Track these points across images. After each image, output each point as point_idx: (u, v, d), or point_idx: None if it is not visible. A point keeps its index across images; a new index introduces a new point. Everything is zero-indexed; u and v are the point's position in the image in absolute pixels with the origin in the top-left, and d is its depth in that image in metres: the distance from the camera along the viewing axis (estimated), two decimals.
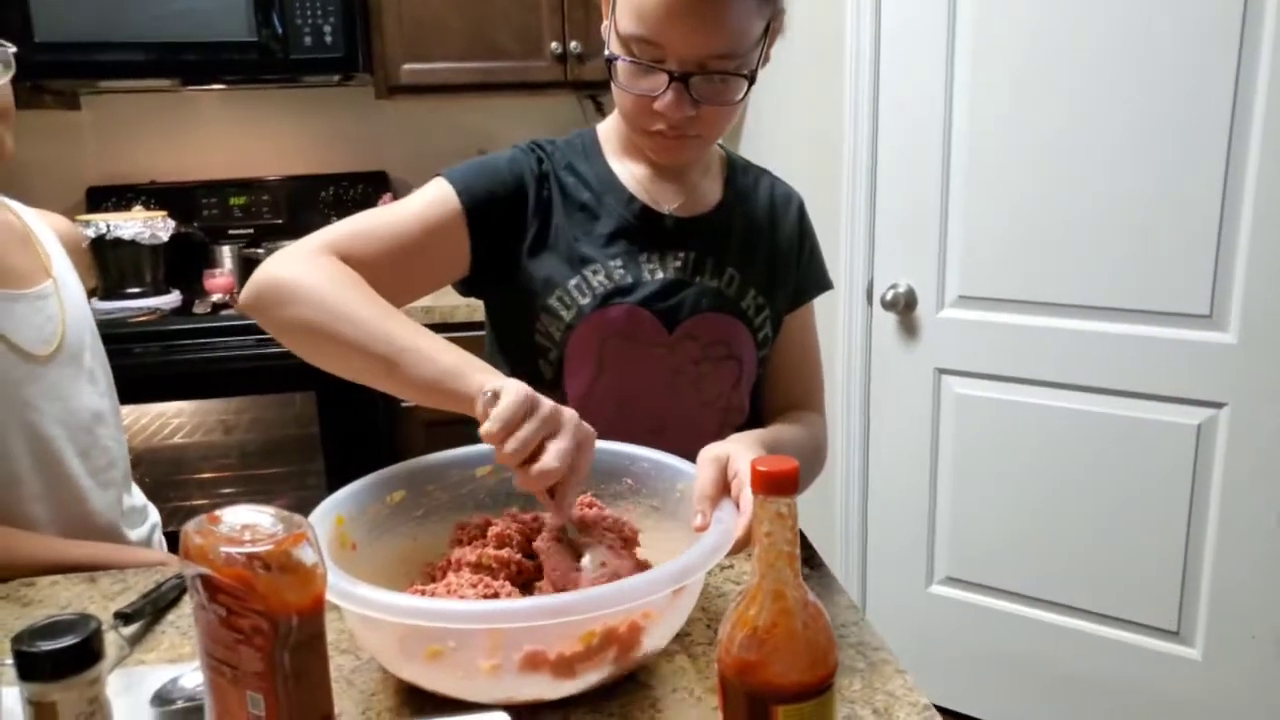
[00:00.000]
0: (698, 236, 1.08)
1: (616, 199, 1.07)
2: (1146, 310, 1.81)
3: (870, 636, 0.85)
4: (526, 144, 1.09)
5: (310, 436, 2.28)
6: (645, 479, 0.94)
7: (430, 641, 0.70)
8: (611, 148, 1.11)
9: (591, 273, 1.04)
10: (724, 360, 1.09)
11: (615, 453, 0.96)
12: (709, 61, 0.93)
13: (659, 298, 1.05)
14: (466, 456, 0.96)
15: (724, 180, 1.13)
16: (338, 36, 2.35)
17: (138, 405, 2.29)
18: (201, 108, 2.76)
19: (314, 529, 0.62)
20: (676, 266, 1.07)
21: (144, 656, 0.85)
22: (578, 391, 1.05)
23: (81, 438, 1.15)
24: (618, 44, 0.96)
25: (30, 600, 0.96)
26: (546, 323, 1.04)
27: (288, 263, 0.92)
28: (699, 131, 0.99)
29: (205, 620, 0.61)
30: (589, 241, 1.05)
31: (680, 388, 1.07)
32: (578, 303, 1.03)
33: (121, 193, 2.65)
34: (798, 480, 0.60)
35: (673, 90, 0.94)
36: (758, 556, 0.61)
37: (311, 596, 0.60)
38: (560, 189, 1.07)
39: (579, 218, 1.06)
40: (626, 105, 1.00)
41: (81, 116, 2.71)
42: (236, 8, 2.30)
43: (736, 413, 1.12)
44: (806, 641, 0.60)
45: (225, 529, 0.61)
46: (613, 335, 1.04)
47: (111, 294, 2.41)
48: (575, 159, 1.09)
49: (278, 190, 2.72)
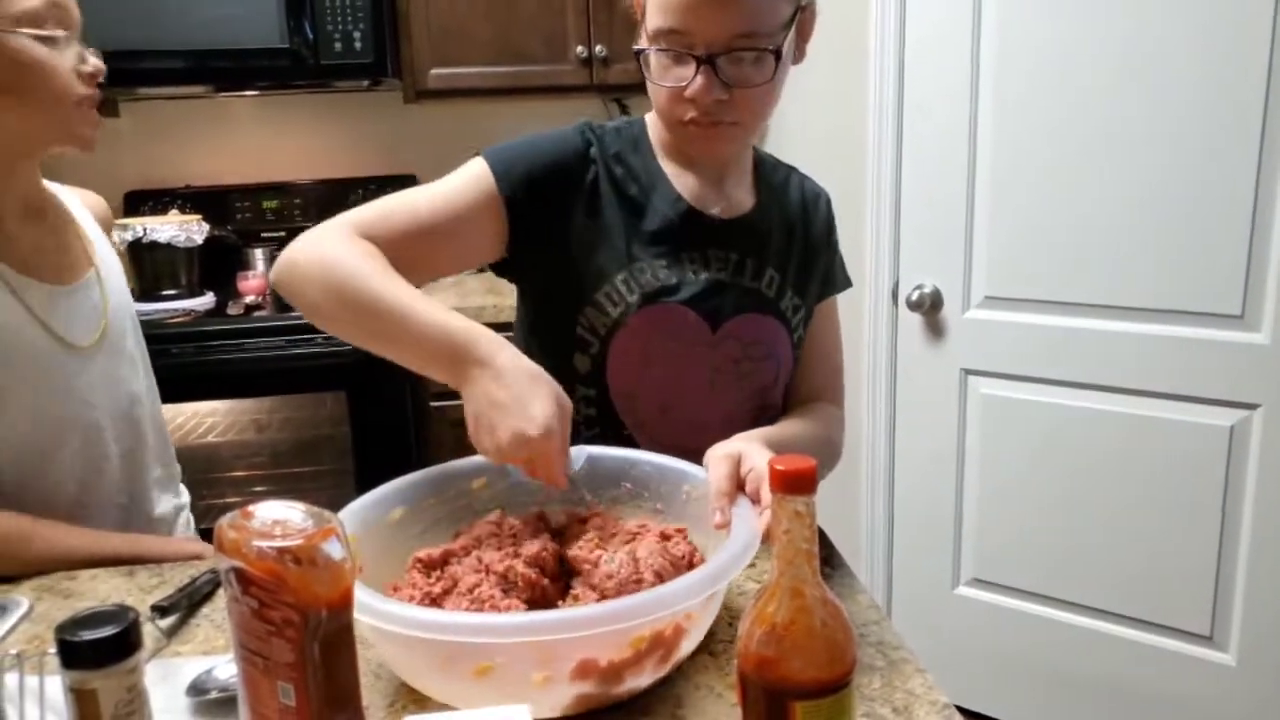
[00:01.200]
0: (739, 239, 1.09)
1: (663, 198, 1.07)
2: (1177, 310, 1.79)
3: (890, 636, 0.85)
4: (578, 124, 1.08)
5: (341, 436, 2.31)
6: (646, 482, 0.94)
7: (479, 659, 0.69)
8: (659, 142, 1.10)
9: (639, 270, 1.04)
10: (764, 360, 1.10)
11: (613, 457, 0.96)
12: (733, 41, 0.94)
13: (702, 298, 1.06)
14: (460, 469, 0.95)
15: (755, 179, 1.14)
16: (367, 43, 2.38)
17: (173, 404, 2.32)
18: (235, 113, 2.81)
19: (343, 524, 0.64)
20: (719, 268, 1.08)
21: (179, 648, 0.87)
22: (623, 388, 1.06)
23: (120, 423, 1.18)
24: (647, 42, 0.99)
25: (71, 593, 0.99)
26: (591, 316, 1.04)
27: (311, 241, 0.96)
28: (734, 118, 0.99)
29: (238, 612, 0.63)
30: (636, 237, 1.06)
31: (722, 386, 1.08)
32: (625, 299, 1.04)
33: (158, 197, 2.70)
34: (816, 479, 0.61)
35: (701, 74, 0.95)
36: (776, 554, 0.62)
37: (340, 590, 0.62)
38: (610, 178, 1.06)
39: (626, 211, 1.06)
40: (661, 100, 1.01)
41: (120, 123, 2.76)
42: (269, 16, 2.34)
43: (773, 410, 1.13)
44: (824, 638, 0.61)
45: (258, 524, 0.62)
46: (658, 333, 1.05)
47: (147, 295, 2.46)
48: (625, 149, 1.08)
49: (308, 193, 2.76)
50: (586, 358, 1.06)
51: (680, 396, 1.07)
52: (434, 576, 0.84)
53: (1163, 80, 1.73)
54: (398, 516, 0.90)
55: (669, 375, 1.06)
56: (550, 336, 1.08)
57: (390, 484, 0.92)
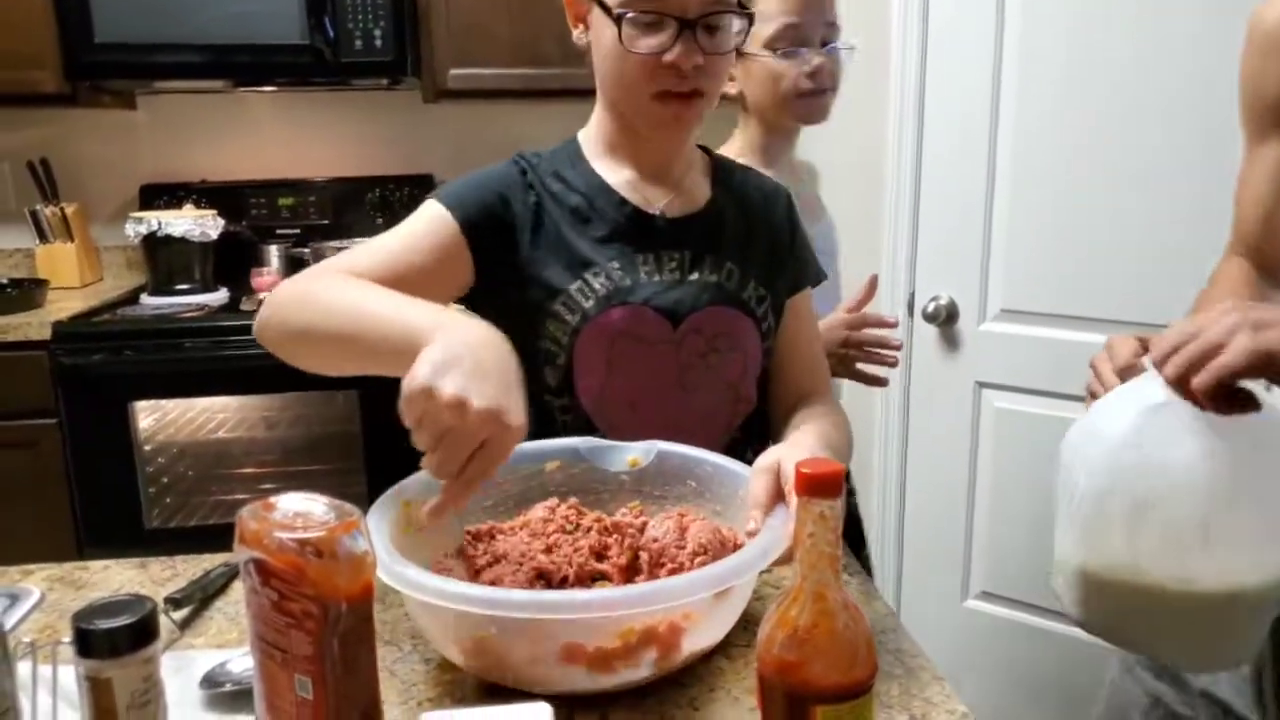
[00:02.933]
0: (691, 234, 1.10)
1: (607, 201, 1.08)
2: None
3: (908, 643, 0.85)
4: (512, 156, 1.11)
5: (351, 434, 2.31)
6: (709, 482, 0.96)
7: (475, 628, 0.72)
8: (595, 152, 1.11)
9: (592, 275, 1.05)
10: (729, 352, 1.10)
11: (680, 454, 0.98)
12: (709, 4, 0.97)
13: (659, 296, 1.06)
14: (537, 450, 0.98)
15: (711, 180, 1.15)
16: (387, 41, 2.38)
17: (185, 399, 2.33)
18: (252, 109, 2.82)
19: (365, 518, 0.63)
20: (673, 266, 1.08)
21: (193, 641, 0.87)
22: (590, 394, 1.07)
23: None
24: (610, 14, 0.98)
25: (83, 583, 0.99)
26: (552, 328, 1.05)
27: (277, 291, 0.97)
28: (703, 87, 1.01)
29: (257, 604, 0.62)
30: (586, 244, 1.06)
31: (689, 382, 1.09)
32: (581, 306, 1.04)
33: (173, 191, 2.70)
34: (841, 482, 0.60)
35: (682, 40, 0.97)
36: (800, 558, 0.61)
37: (361, 584, 0.61)
38: (550, 195, 1.08)
39: (572, 221, 1.07)
40: (629, 72, 1.00)
41: (137, 116, 2.77)
42: (290, 11, 2.34)
43: (745, 403, 1.13)
44: (847, 643, 0.60)
45: (279, 515, 0.62)
46: (619, 336, 1.05)
47: (161, 289, 2.46)
48: (560, 166, 1.10)
49: (325, 191, 2.76)
50: (554, 369, 1.06)
51: (648, 395, 1.08)
52: (481, 549, 0.87)
53: (1183, 93, 1.72)
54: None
55: (634, 376, 1.07)
56: (521, 354, 1.07)
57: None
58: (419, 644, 0.85)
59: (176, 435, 2.37)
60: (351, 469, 2.33)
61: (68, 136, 2.72)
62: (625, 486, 0.99)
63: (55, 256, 2.62)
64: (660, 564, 0.86)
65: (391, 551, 0.75)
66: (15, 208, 2.68)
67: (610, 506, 0.98)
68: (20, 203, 2.66)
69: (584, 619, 0.70)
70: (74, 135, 2.73)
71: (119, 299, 2.49)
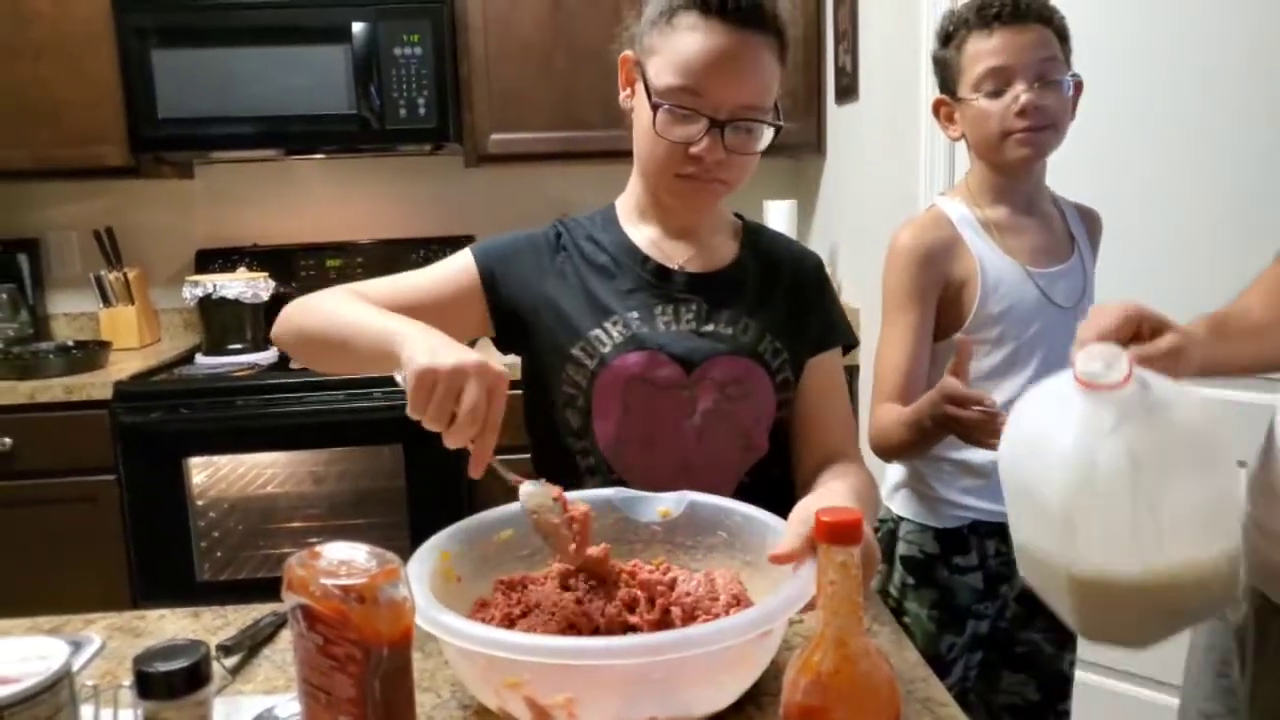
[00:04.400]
0: (711, 288, 1.16)
1: (632, 260, 1.16)
2: None
3: (938, 693, 0.85)
4: (554, 220, 1.21)
5: (396, 489, 2.36)
6: (739, 532, 0.98)
7: (508, 673, 0.74)
8: (628, 216, 1.20)
9: (611, 323, 1.12)
10: (741, 400, 1.14)
11: (711, 505, 1.00)
12: (740, 110, 1.04)
13: (675, 344, 1.12)
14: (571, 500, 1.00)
15: (740, 243, 1.21)
16: (430, 109, 2.48)
17: (236, 455, 2.40)
18: (302, 175, 2.93)
19: (404, 566, 0.67)
20: (689, 317, 1.14)
21: (242, 687, 0.91)
22: (607, 434, 1.12)
23: None
24: (651, 99, 1.06)
25: (141, 631, 1.03)
26: (572, 371, 1.12)
27: (293, 302, 1.10)
28: (725, 178, 1.08)
29: (303, 648, 0.66)
30: (609, 295, 1.14)
31: (705, 429, 1.12)
32: (599, 351, 1.11)
33: (227, 255, 2.81)
34: (861, 530, 0.62)
35: (710, 135, 1.04)
36: (822, 605, 0.63)
37: (401, 629, 0.65)
38: (580, 254, 1.16)
39: (599, 277, 1.15)
40: (659, 153, 1.08)
41: (194, 184, 2.90)
42: (338, 82, 2.46)
43: (755, 450, 1.16)
44: (869, 688, 0.62)
45: (324, 563, 0.66)
46: (634, 380, 1.11)
47: (214, 349, 2.55)
48: (595, 230, 1.19)
49: (370, 253, 2.85)
50: (575, 411, 1.13)
51: (663, 440, 1.12)
52: (514, 598, 0.90)
53: (1224, 94, 1.71)
54: (506, 537, 0.98)
55: (649, 420, 1.12)
56: (544, 399, 1.16)
57: (503, 507, 0.99)
58: (457, 690, 0.87)
59: (228, 491, 2.44)
60: (395, 523, 2.37)
61: (130, 205, 2.85)
62: (657, 537, 1.01)
63: (117, 319, 2.73)
64: (694, 617, 0.87)
65: (430, 598, 0.78)
66: (81, 273, 2.81)
67: (644, 556, 1.00)
68: (86, 268, 2.79)
69: (612, 664, 0.72)
70: (136, 204, 2.86)
71: (176, 359, 2.59)
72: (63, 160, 2.50)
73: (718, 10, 1.02)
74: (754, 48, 1.04)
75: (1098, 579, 0.76)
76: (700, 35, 1.02)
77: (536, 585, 0.93)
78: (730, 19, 1.02)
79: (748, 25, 1.03)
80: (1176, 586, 0.76)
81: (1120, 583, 0.75)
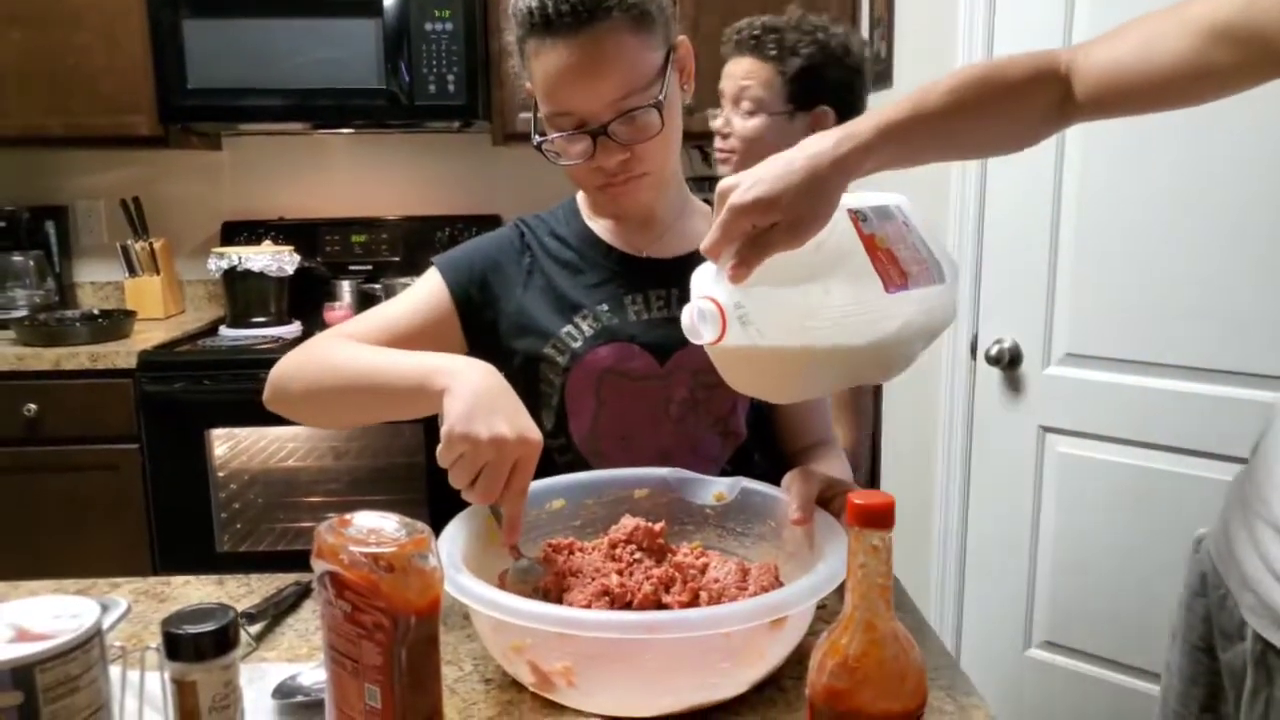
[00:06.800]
0: (681, 274, 1.12)
1: (596, 251, 1.15)
2: (1268, 375, 1.74)
3: (961, 681, 0.85)
4: (513, 220, 1.20)
5: (416, 466, 2.37)
6: (784, 522, 0.96)
7: (513, 636, 0.76)
8: (588, 210, 1.19)
9: (581, 318, 1.11)
10: (717, 387, 1.11)
11: (763, 494, 0.99)
12: (614, 107, 1.01)
13: (647, 333, 1.11)
14: (626, 477, 1.02)
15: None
16: (460, 86, 2.48)
17: (258, 428, 2.42)
18: (330, 149, 2.94)
19: (433, 538, 0.67)
20: (660, 304, 1.13)
21: (266, 654, 0.91)
22: (581, 430, 1.11)
23: None
24: (546, 129, 1.06)
25: (167, 597, 1.04)
26: (546, 370, 1.11)
27: (280, 363, 1.08)
28: (643, 170, 1.06)
29: (331, 615, 0.66)
30: (577, 291, 1.13)
31: (679, 416, 1.12)
32: (570, 347, 1.10)
33: (253, 228, 2.83)
34: (893, 514, 0.62)
35: (599, 145, 1.02)
36: (851, 588, 0.63)
37: (429, 598, 0.64)
38: (545, 252, 1.15)
39: (566, 274, 1.14)
40: (575, 174, 1.08)
41: (222, 156, 2.91)
42: (368, 57, 2.45)
43: (734, 437, 1.16)
44: (896, 672, 0.61)
45: (354, 531, 0.66)
46: (606, 372, 1.10)
47: (238, 322, 2.57)
48: (557, 225, 1.18)
49: (396, 229, 2.86)
50: (550, 410, 1.12)
51: (639, 430, 1.11)
52: (560, 560, 0.92)
53: (1253, 132, 1.70)
54: (557, 506, 0.99)
55: (624, 410, 1.11)
56: (523, 401, 1.14)
57: (557, 478, 1.01)
58: (480, 663, 0.87)
59: (249, 463, 2.46)
60: (414, 500, 2.38)
61: (158, 176, 2.87)
62: (709, 520, 1.02)
63: (143, 289, 2.75)
64: (719, 601, 0.87)
65: (459, 565, 0.79)
66: (109, 242, 2.84)
67: (696, 538, 1.00)
68: (113, 238, 2.81)
69: (606, 638, 0.73)
70: (163, 175, 2.88)
71: (199, 330, 2.61)
72: (93, 129, 2.52)
73: (550, 27, 0.98)
74: (599, 42, 0.98)
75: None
76: (546, 56, 0.99)
77: (583, 553, 0.94)
78: (564, 29, 0.97)
79: (584, 25, 0.97)
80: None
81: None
